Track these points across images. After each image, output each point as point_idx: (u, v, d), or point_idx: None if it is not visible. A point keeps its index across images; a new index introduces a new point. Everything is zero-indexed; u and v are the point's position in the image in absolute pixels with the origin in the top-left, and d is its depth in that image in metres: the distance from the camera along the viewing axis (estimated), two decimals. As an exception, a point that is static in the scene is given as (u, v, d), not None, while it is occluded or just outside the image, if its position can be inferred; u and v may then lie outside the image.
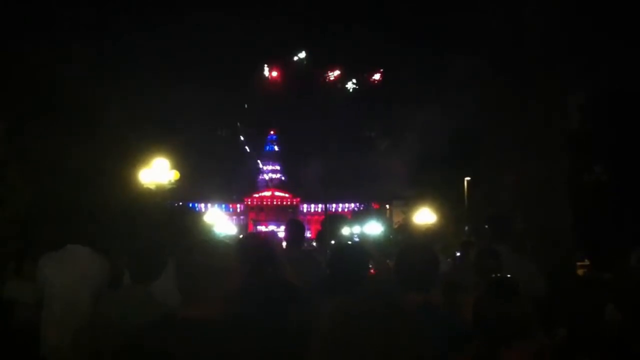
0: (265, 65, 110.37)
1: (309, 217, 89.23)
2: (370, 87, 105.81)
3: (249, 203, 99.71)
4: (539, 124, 7.82)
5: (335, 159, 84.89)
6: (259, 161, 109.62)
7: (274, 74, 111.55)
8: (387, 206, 62.81)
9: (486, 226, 5.86)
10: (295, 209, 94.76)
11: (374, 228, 42.36)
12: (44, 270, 4.69)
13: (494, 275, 3.37)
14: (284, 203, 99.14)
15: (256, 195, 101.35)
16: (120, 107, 21.43)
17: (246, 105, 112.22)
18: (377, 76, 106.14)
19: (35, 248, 5.03)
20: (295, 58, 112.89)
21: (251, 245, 4.00)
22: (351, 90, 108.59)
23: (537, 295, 3.48)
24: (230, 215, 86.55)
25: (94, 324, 3.55)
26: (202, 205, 66.69)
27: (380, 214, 57.64)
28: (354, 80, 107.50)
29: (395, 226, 46.46)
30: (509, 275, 2.88)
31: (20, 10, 18.87)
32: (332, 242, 7.87)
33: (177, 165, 18.28)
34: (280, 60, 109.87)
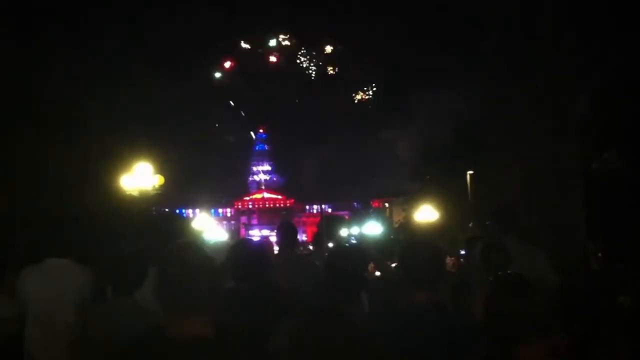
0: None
1: (304, 218, 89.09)
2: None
3: (240, 207, 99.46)
4: (546, 110, 7.82)
5: (331, 155, 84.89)
6: (249, 161, 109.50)
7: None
8: (387, 204, 62.85)
9: (487, 222, 5.89)
10: (289, 210, 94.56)
11: (373, 228, 42.37)
12: (25, 285, 4.70)
13: (503, 272, 3.39)
14: (277, 205, 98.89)
15: (247, 198, 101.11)
16: (101, 110, 21.35)
17: (232, 103, 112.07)
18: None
19: (15, 260, 5.01)
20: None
21: (243, 252, 4.04)
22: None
23: (549, 286, 3.51)
24: (220, 220, 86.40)
25: (88, 339, 3.60)
26: (190, 210, 66.57)
27: (379, 212, 57.66)
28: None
29: (396, 225, 46.47)
30: (520, 272, 2.91)
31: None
32: (330, 244, 7.89)
33: (161, 170, 18.21)
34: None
